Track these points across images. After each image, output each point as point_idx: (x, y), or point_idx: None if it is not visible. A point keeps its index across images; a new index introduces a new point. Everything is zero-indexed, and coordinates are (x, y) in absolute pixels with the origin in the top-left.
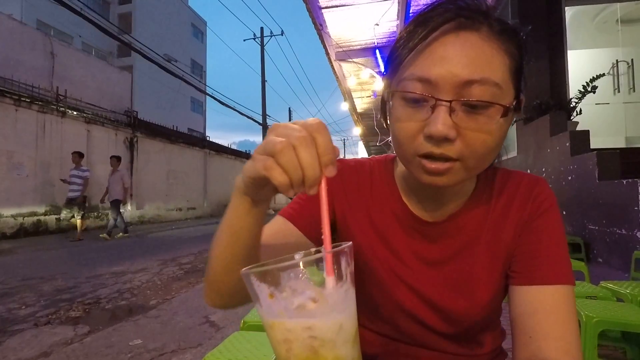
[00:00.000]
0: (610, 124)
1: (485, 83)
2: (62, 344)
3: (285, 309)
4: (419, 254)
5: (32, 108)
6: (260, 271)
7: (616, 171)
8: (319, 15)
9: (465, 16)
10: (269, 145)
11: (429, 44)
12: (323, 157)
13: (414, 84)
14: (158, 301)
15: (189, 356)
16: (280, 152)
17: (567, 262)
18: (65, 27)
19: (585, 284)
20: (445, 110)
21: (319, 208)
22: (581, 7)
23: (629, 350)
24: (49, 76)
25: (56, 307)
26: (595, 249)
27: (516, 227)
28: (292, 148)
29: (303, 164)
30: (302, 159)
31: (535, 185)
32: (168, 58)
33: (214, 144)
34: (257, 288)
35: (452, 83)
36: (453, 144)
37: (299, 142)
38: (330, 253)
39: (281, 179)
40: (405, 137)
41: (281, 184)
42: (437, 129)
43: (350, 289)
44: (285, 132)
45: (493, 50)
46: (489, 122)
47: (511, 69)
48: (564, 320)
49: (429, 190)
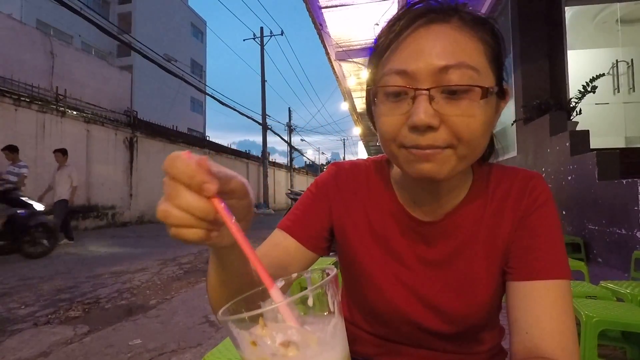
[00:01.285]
0: (610, 124)
1: (461, 67)
2: (62, 343)
3: (271, 356)
4: (418, 255)
5: (32, 108)
6: (238, 319)
7: (616, 171)
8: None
9: (435, 11)
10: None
11: (404, 40)
12: (192, 186)
13: (393, 78)
14: (158, 301)
15: (188, 356)
16: (159, 214)
17: (563, 256)
18: (65, 26)
19: (585, 284)
20: (425, 99)
21: (316, 217)
22: (581, 7)
23: (629, 350)
24: (48, 76)
25: (55, 307)
26: (595, 248)
27: (512, 223)
28: (166, 205)
29: (181, 208)
30: (176, 206)
31: (530, 180)
32: (168, 58)
33: (214, 144)
34: (237, 336)
35: (429, 72)
36: (438, 133)
37: (166, 196)
38: (284, 304)
39: (174, 232)
40: (390, 131)
41: (178, 236)
42: (419, 119)
43: (339, 322)
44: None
45: (465, 38)
46: (470, 106)
47: (487, 55)
48: (560, 315)
49: (425, 188)
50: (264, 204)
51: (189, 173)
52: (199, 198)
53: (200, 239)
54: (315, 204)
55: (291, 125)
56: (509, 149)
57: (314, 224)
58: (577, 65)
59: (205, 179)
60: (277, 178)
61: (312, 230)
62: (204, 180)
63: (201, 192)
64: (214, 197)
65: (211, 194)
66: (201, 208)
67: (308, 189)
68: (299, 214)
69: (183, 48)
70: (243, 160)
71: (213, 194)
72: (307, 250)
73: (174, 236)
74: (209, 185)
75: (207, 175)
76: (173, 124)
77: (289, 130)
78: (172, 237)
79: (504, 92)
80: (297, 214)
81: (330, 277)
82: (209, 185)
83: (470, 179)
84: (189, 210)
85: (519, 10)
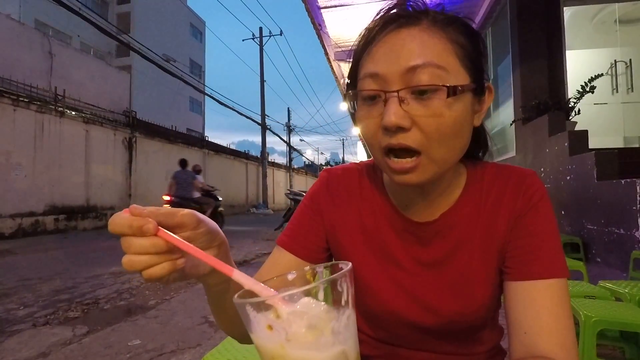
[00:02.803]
0: (608, 124)
1: (428, 66)
2: (61, 344)
3: (286, 341)
4: (414, 256)
5: (31, 108)
6: (257, 302)
7: (614, 171)
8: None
9: (406, 16)
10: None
11: (375, 45)
12: (135, 233)
13: (366, 81)
14: (157, 301)
15: (187, 356)
16: (125, 266)
17: (559, 254)
18: (63, 26)
19: (584, 284)
20: (395, 101)
21: (311, 230)
22: (580, 7)
23: (628, 349)
24: (47, 76)
25: (54, 308)
26: (594, 248)
27: (508, 222)
28: (126, 257)
29: (138, 252)
30: (134, 253)
31: (525, 179)
32: (167, 58)
33: (213, 144)
34: (253, 319)
35: (397, 73)
36: (409, 133)
37: (124, 250)
38: (276, 298)
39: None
40: (368, 135)
41: (151, 276)
42: (389, 120)
43: (351, 315)
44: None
45: (434, 39)
46: (439, 106)
47: (459, 55)
48: (558, 314)
49: (416, 190)
50: (263, 204)
51: (127, 224)
52: (146, 238)
53: (169, 271)
54: (309, 217)
55: (290, 126)
56: (508, 149)
57: (310, 236)
58: (575, 65)
59: (140, 222)
60: (277, 178)
61: (309, 243)
62: (140, 224)
63: (144, 233)
64: (157, 231)
65: (152, 232)
66: (151, 244)
67: (302, 201)
68: (295, 228)
69: (182, 48)
70: (242, 161)
71: (154, 231)
72: (307, 264)
73: (148, 279)
74: (147, 226)
75: (142, 219)
76: (172, 124)
77: (288, 130)
78: (147, 281)
79: (483, 89)
80: (293, 229)
81: (345, 271)
82: (148, 226)
83: (464, 178)
84: (144, 251)
85: (518, 10)
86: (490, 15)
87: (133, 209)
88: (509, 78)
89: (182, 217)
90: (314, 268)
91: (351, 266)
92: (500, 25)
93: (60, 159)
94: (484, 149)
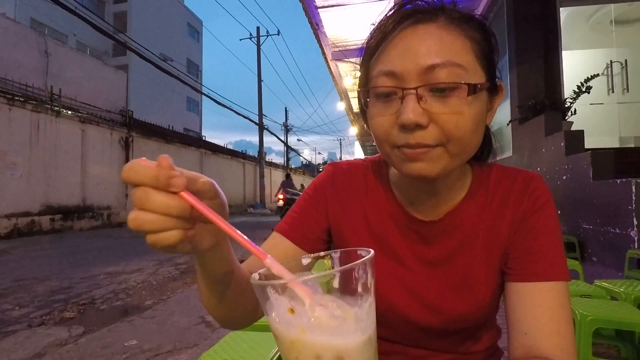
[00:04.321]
0: (604, 124)
1: (447, 65)
2: (56, 345)
3: (307, 326)
4: (418, 255)
5: (26, 107)
6: (281, 284)
7: (610, 171)
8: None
9: (422, 11)
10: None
11: (391, 41)
12: (160, 185)
13: (381, 79)
14: (154, 301)
15: (184, 356)
16: (131, 223)
17: (562, 258)
18: (59, 26)
19: (580, 283)
20: (413, 98)
21: (313, 220)
22: (576, 7)
23: (623, 348)
24: (43, 75)
25: (50, 308)
26: (590, 248)
27: (512, 224)
28: (138, 213)
29: (155, 211)
30: (150, 210)
31: (530, 182)
32: (164, 57)
33: (210, 144)
34: (274, 301)
35: (416, 71)
36: (427, 131)
37: (137, 204)
38: (295, 282)
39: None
40: (381, 132)
41: (157, 242)
42: (407, 117)
43: (372, 302)
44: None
45: (452, 37)
46: (458, 103)
47: (475, 52)
48: (559, 316)
49: (422, 188)
50: (260, 204)
51: (153, 173)
52: (171, 195)
53: (180, 240)
54: (312, 206)
55: (288, 125)
56: (505, 149)
57: (311, 226)
58: (572, 66)
59: (171, 173)
60: (274, 178)
61: (309, 232)
62: (170, 175)
63: (170, 188)
64: (184, 190)
65: (181, 187)
66: (175, 205)
67: (305, 191)
68: (296, 216)
69: (179, 48)
70: (239, 160)
71: (183, 187)
72: (304, 252)
73: (152, 244)
74: (176, 179)
75: (172, 171)
76: (169, 124)
77: (285, 130)
78: (150, 246)
79: (496, 88)
80: (294, 217)
81: (369, 257)
82: (177, 180)
83: (470, 179)
84: (164, 210)
85: (515, 10)
86: (487, 15)
87: (161, 159)
88: (506, 78)
89: (202, 185)
90: (329, 254)
91: (373, 253)
92: (497, 26)
93: (56, 159)
94: (489, 147)
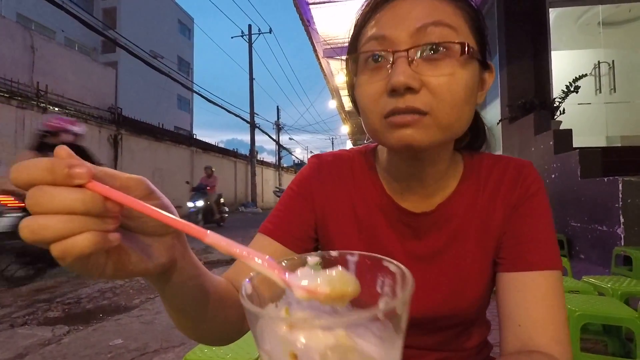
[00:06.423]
0: (592, 123)
1: (439, 24)
2: (39, 345)
3: None
4: (409, 250)
5: (11, 103)
6: (289, 322)
7: (598, 169)
8: (307, 11)
9: None
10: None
11: (381, 9)
12: (57, 179)
13: (371, 44)
14: (141, 300)
15: (171, 355)
16: (25, 234)
17: (554, 247)
18: (47, 21)
19: (568, 279)
20: (403, 61)
21: (299, 217)
22: (565, 8)
23: (610, 343)
24: (29, 71)
25: (34, 308)
26: (578, 245)
27: (504, 212)
28: (32, 219)
29: (55, 211)
30: (49, 212)
31: (522, 169)
32: (154, 54)
33: (201, 142)
34: (273, 341)
35: (407, 33)
36: (418, 95)
37: (31, 208)
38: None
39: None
40: (370, 101)
41: (66, 253)
42: (398, 80)
43: (401, 346)
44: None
45: (443, 4)
46: (450, 65)
47: (467, 20)
48: (552, 306)
49: (413, 172)
50: (251, 203)
51: (46, 166)
52: (72, 189)
53: (95, 245)
54: (298, 203)
55: (279, 124)
56: (495, 148)
57: (298, 224)
58: (560, 66)
59: (70, 162)
60: (265, 177)
61: (296, 231)
62: (69, 164)
63: (72, 180)
64: (89, 181)
65: (86, 177)
66: (80, 198)
67: (289, 187)
68: (281, 215)
69: (170, 45)
70: (231, 159)
71: (88, 178)
72: (291, 252)
73: (61, 256)
74: (78, 168)
75: (70, 160)
76: (159, 122)
77: (277, 128)
78: (60, 261)
79: (487, 64)
80: (279, 215)
81: (411, 287)
82: (79, 169)
83: (461, 169)
84: (66, 207)
85: (505, 10)
86: None
87: (59, 149)
88: (496, 78)
89: (127, 180)
90: (320, 254)
91: (412, 279)
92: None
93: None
94: (482, 138)
